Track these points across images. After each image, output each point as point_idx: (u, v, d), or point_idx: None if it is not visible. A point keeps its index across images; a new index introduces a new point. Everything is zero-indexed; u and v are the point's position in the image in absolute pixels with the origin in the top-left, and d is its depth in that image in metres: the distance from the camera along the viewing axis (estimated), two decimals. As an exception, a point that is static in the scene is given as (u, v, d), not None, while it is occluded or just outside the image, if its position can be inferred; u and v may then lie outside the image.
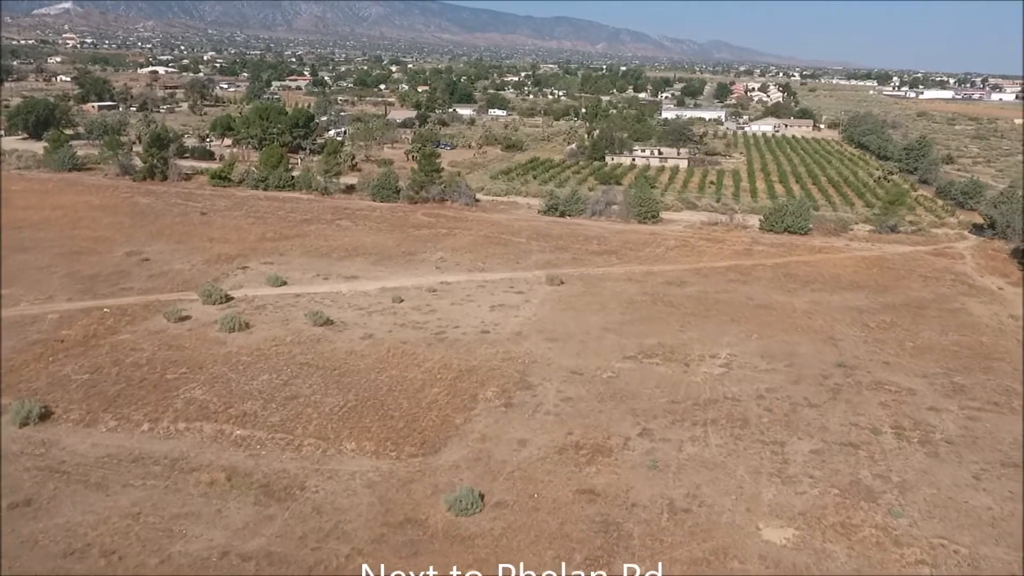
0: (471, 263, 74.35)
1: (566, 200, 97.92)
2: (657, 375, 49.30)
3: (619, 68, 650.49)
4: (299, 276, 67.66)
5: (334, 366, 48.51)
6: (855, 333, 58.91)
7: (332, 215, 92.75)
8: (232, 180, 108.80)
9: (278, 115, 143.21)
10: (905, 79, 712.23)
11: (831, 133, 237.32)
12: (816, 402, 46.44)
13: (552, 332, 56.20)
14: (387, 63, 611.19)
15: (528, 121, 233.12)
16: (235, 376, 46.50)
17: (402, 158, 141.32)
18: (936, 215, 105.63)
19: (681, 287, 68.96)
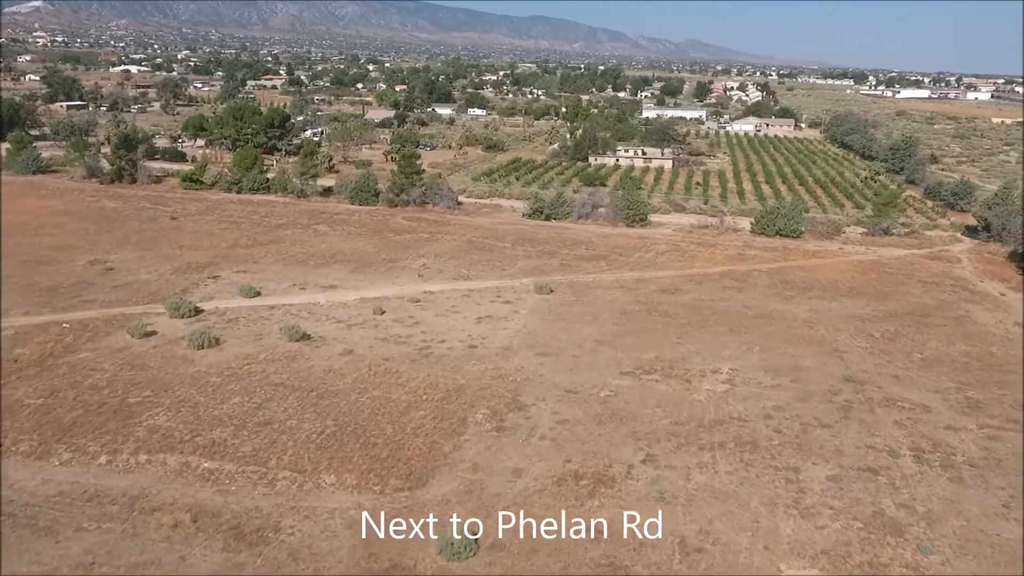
0: (455, 270, 71.02)
1: (551, 203, 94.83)
2: (657, 393, 46.25)
3: (597, 67, 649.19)
4: (274, 286, 64.01)
5: (311, 386, 45.04)
6: (860, 344, 56.21)
7: (309, 219, 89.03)
8: (204, 183, 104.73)
9: (252, 115, 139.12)
10: (881, 78, 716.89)
11: (812, 132, 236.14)
12: (827, 422, 43.58)
13: (543, 346, 53.01)
14: (364, 62, 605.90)
15: (508, 121, 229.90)
16: (203, 399, 42.90)
17: (381, 159, 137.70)
18: (927, 217, 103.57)
19: (675, 295, 66.01)
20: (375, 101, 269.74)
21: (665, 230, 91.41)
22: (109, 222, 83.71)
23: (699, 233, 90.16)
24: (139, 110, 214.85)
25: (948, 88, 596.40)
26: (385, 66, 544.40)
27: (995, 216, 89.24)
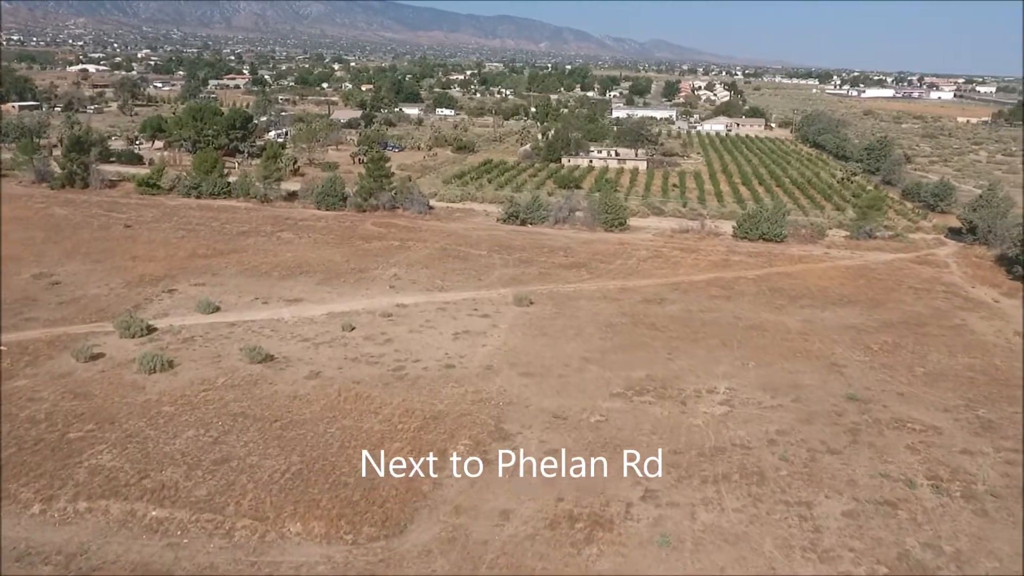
0: (428, 280, 67.11)
1: (527, 207, 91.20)
2: (652, 417, 42.81)
3: (564, 67, 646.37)
4: (234, 300, 59.64)
5: (275, 416, 40.95)
6: (858, 357, 53.28)
7: (272, 226, 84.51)
8: (161, 187, 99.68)
9: (213, 115, 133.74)
10: (844, 78, 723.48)
11: (783, 132, 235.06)
12: (836, 447, 40.43)
13: (526, 364, 49.36)
14: (329, 61, 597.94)
15: (478, 121, 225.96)
16: (153, 433, 38.64)
17: (348, 161, 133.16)
18: (909, 219, 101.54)
19: (662, 305, 62.72)
20: (341, 101, 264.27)
21: (645, 235, 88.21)
22: (58, 231, 78.61)
23: (680, 238, 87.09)
24: (95, 110, 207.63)
25: (911, 88, 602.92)
26: (351, 65, 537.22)
27: (980, 218, 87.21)
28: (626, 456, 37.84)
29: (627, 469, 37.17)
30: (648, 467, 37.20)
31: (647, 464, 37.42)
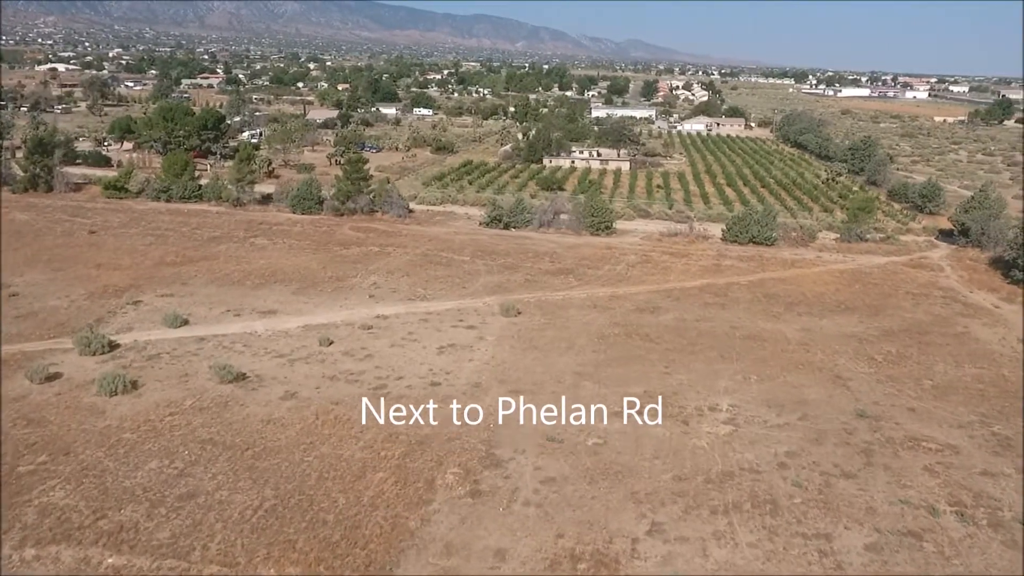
0: (410, 289, 64.00)
1: (510, 210, 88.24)
2: (653, 439, 40.03)
3: (542, 66, 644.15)
4: (204, 312, 56.19)
5: (246, 443, 37.73)
6: (863, 369, 50.86)
7: (245, 231, 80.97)
8: (129, 191, 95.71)
9: (184, 116, 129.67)
10: (819, 77, 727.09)
11: (763, 132, 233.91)
12: (850, 470, 37.86)
13: (517, 381, 46.43)
14: (305, 61, 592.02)
15: (456, 121, 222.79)
16: (113, 465, 35.30)
17: (324, 162, 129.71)
18: (898, 220, 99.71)
19: (655, 314, 60.04)
20: (317, 101, 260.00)
21: (632, 239, 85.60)
22: (18, 237, 74.64)
23: (669, 242, 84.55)
24: (63, 111, 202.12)
25: (886, 87, 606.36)
26: (326, 65, 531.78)
27: (973, 220, 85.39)
28: (629, 484, 35.08)
29: (631, 497, 34.41)
30: (651, 495, 34.47)
31: (650, 491, 34.71)
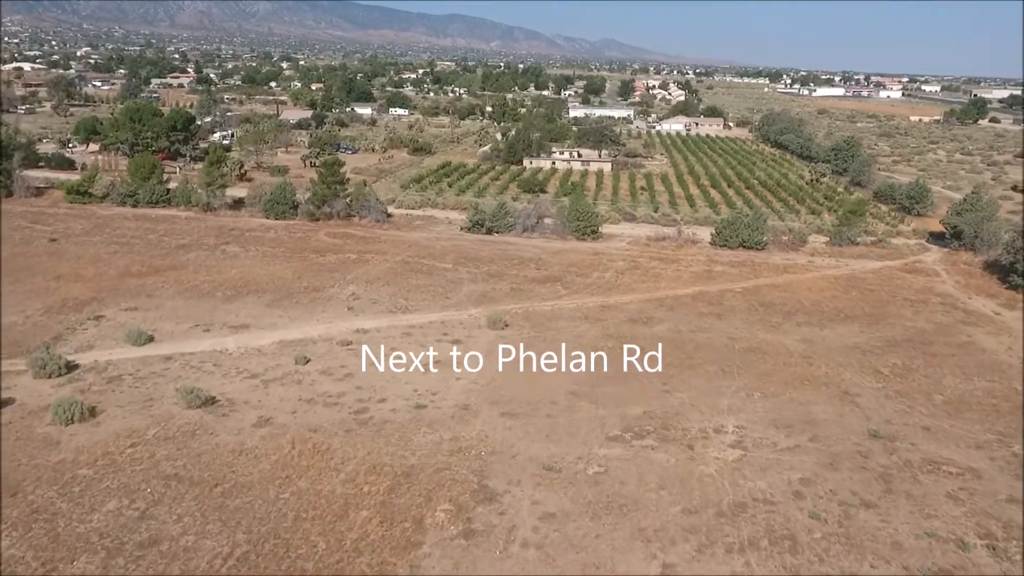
0: (391, 300, 60.74)
1: (492, 214, 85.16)
2: (657, 467, 37.19)
3: (518, 66, 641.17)
4: (171, 328, 52.59)
5: (216, 478, 34.40)
6: (870, 384, 48.40)
7: (216, 238, 77.23)
8: (94, 195, 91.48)
9: (152, 116, 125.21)
10: (794, 76, 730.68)
11: (741, 131, 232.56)
12: (870, 498, 35.25)
13: (508, 402, 43.42)
14: (277, 60, 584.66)
15: (433, 121, 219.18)
16: (66, 507, 31.86)
17: (298, 164, 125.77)
18: (887, 223, 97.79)
19: (648, 325, 57.27)
20: (290, 100, 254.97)
21: (619, 243, 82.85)
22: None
23: (657, 246, 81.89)
24: (27, 111, 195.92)
25: (859, 86, 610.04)
26: (300, 64, 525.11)
27: (967, 223, 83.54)
28: (635, 519, 32.22)
29: (638, 535, 31.55)
30: (660, 532, 31.66)
31: (659, 527, 31.90)
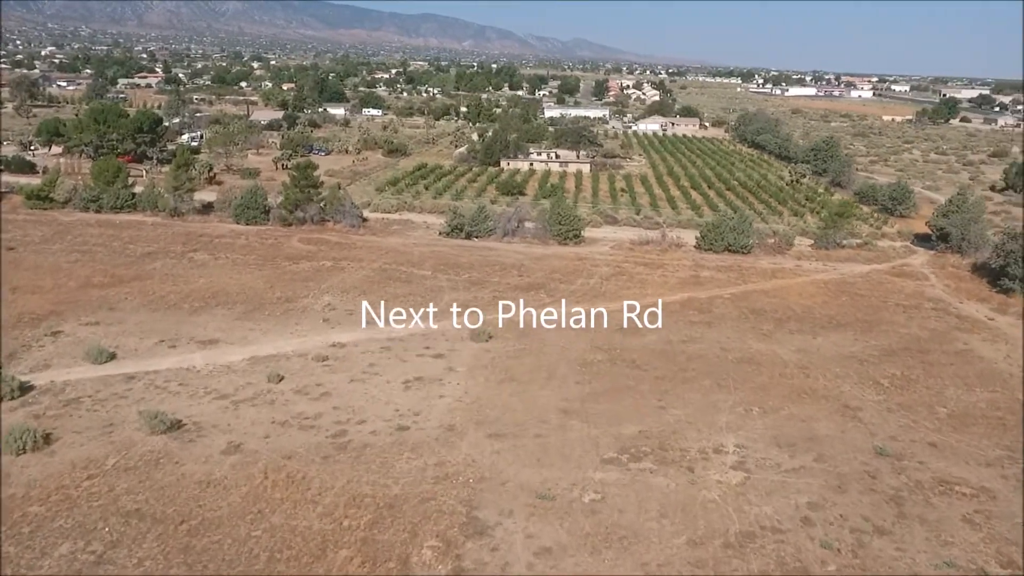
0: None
1: (472, 218, 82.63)
2: (657, 492, 34.90)
3: (491, 65, 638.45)
4: (134, 344, 49.52)
5: (181, 514, 31.58)
6: (871, 397, 46.51)
7: (184, 245, 74.00)
8: (55, 200, 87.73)
9: (118, 117, 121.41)
10: (766, 76, 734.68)
11: (717, 131, 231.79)
12: (882, 524, 33.20)
13: (495, 422, 40.94)
14: (248, 60, 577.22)
15: (407, 121, 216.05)
16: (14, 551, 28.93)
17: (270, 167, 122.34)
18: (871, 225, 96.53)
19: (638, 335, 55.03)
20: (261, 101, 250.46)
21: (602, 248, 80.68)
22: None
23: (641, 251, 79.83)
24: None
25: (831, 86, 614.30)
26: (271, 64, 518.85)
27: (953, 225, 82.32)
28: (637, 553, 29.90)
29: (641, 571, 29.23)
30: (665, 567, 29.36)
31: (663, 561, 29.61)
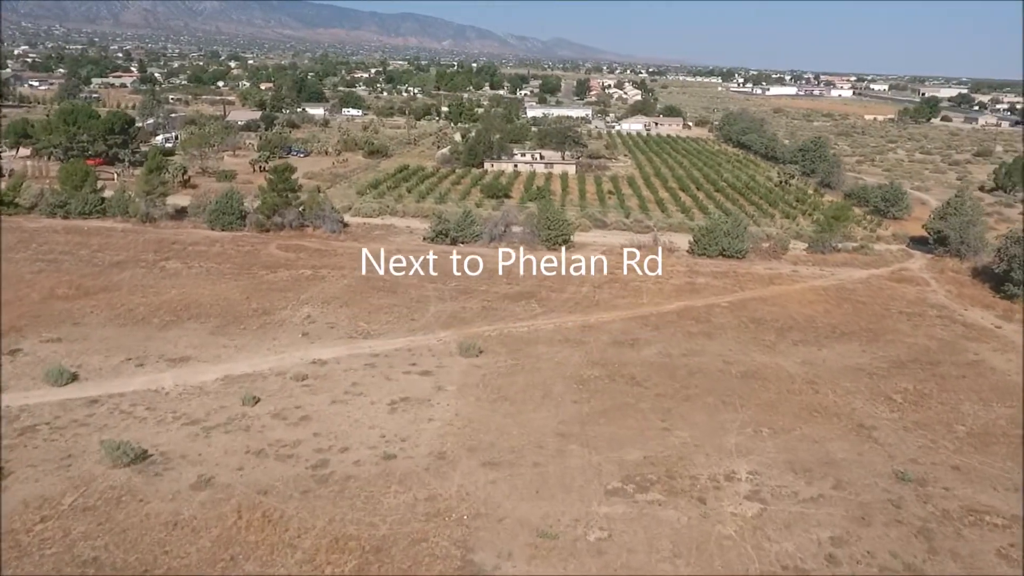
0: (350, 323, 54.86)
1: (457, 224, 79.48)
2: (668, 528, 32.09)
3: (471, 65, 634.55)
4: (99, 363, 46.12)
5: (144, 562, 28.40)
6: (884, 415, 43.98)
7: (155, 253, 70.44)
8: (20, 205, 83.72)
9: (88, 118, 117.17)
10: (746, 75, 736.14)
11: (701, 131, 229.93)
12: (912, 560, 30.62)
13: (489, 448, 37.98)
14: (225, 59, 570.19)
15: (388, 121, 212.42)
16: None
17: (247, 169, 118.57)
18: (865, 227, 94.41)
19: (635, 348, 52.27)
20: (238, 101, 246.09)
21: (593, 253, 77.83)
22: None
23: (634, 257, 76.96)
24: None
25: (811, 85, 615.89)
26: (248, 63, 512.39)
27: (951, 228, 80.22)
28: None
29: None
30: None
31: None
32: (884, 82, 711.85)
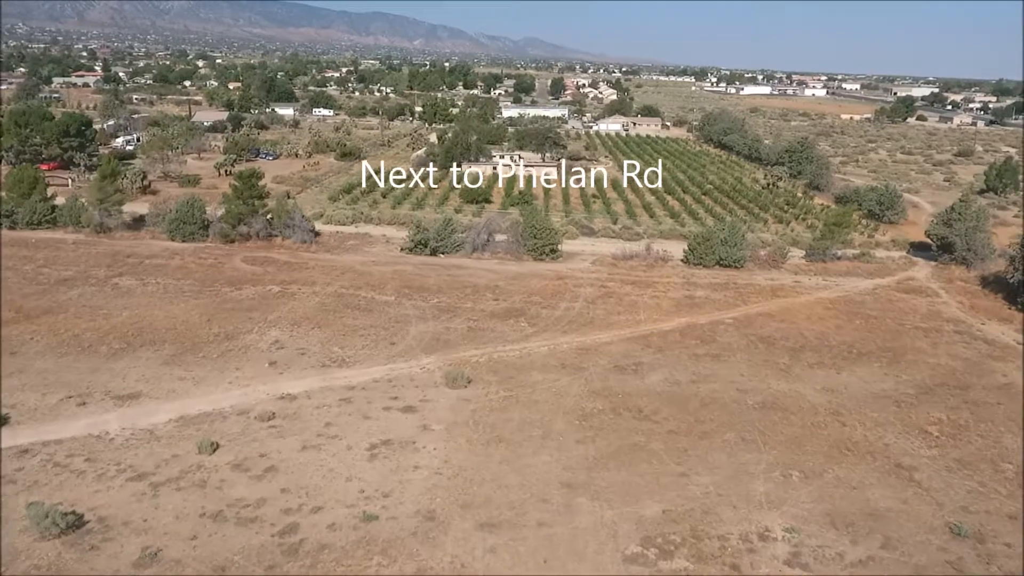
0: (323, 348, 49.50)
1: (437, 232, 74.29)
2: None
3: (444, 64, 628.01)
4: (35, 401, 40.40)
5: (69, 674, 23.00)
6: (922, 451, 39.48)
7: (108, 269, 64.55)
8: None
9: (42, 120, 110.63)
10: (719, 75, 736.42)
11: (680, 131, 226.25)
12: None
13: (485, 503, 32.88)
14: (193, 58, 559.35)
15: (360, 122, 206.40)
16: None
17: (212, 173, 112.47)
18: (863, 233, 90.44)
19: (638, 374, 47.44)
20: (205, 101, 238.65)
21: (583, 264, 73.07)
22: None
23: (626, 266, 72.37)
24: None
25: (784, 84, 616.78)
26: (217, 62, 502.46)
27: (956, 235, 76.35)
28: None
29: None
30: None
31: None
32: (855, 81, 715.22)
